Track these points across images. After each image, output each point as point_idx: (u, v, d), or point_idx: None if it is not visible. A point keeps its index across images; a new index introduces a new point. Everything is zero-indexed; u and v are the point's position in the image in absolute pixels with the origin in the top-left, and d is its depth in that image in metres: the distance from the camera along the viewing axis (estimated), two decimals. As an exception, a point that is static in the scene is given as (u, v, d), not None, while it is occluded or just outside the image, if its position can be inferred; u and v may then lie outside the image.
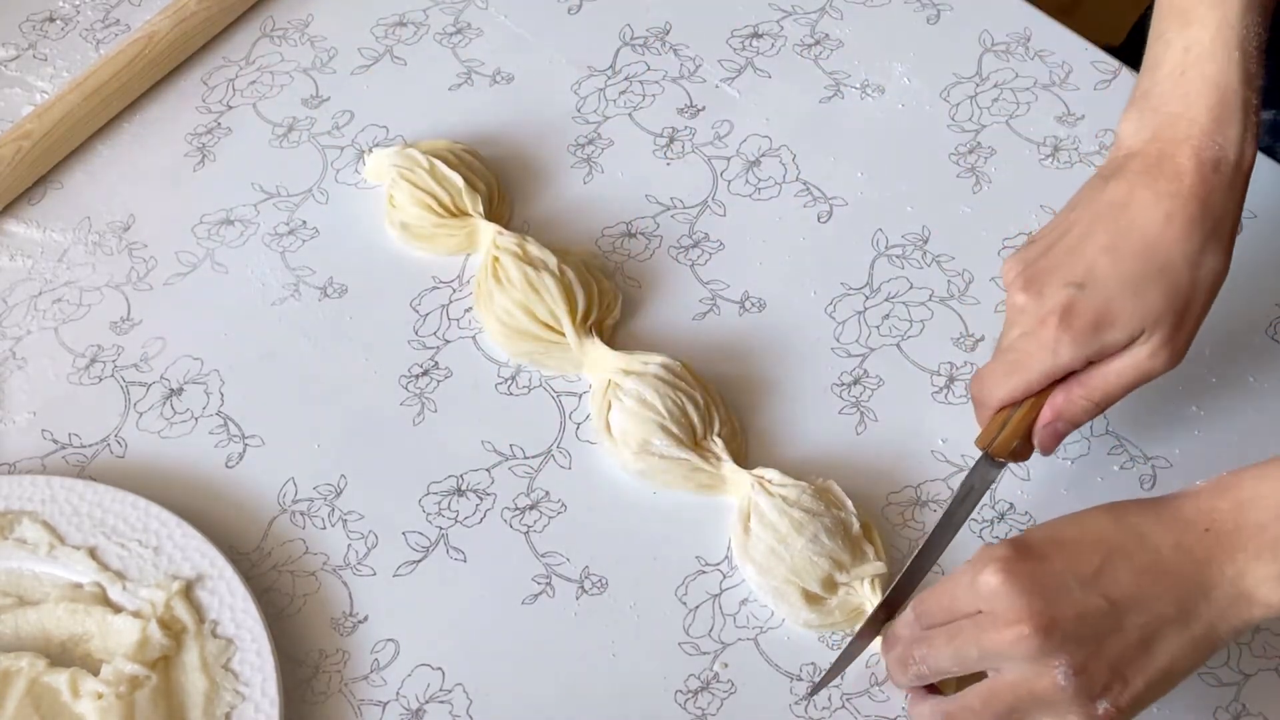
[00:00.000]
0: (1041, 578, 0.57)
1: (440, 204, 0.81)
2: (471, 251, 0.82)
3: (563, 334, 0.77)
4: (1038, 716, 0.58)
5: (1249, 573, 0.57)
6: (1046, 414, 0.67)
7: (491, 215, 0.82)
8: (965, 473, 0.74)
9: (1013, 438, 0.67)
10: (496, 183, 0.84)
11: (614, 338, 0.79)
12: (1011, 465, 0.72)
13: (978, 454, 0.74)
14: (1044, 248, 0.67)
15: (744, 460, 0.73)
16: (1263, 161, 0.83)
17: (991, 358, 0.68)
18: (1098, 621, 0.57)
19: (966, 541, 0.71)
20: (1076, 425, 0.67)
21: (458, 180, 0.82)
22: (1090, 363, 0.65)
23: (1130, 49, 0.91)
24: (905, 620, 0.63)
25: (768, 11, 0.93)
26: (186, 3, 0.91)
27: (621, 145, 0.87)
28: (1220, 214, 0.65)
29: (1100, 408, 0.66)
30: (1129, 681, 0.57)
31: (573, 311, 0.77)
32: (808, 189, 0.85)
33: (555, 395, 0.77)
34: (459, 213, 0.82)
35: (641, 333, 0.80)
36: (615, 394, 0.74)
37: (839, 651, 0.68)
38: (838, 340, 0.79)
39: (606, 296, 0.79)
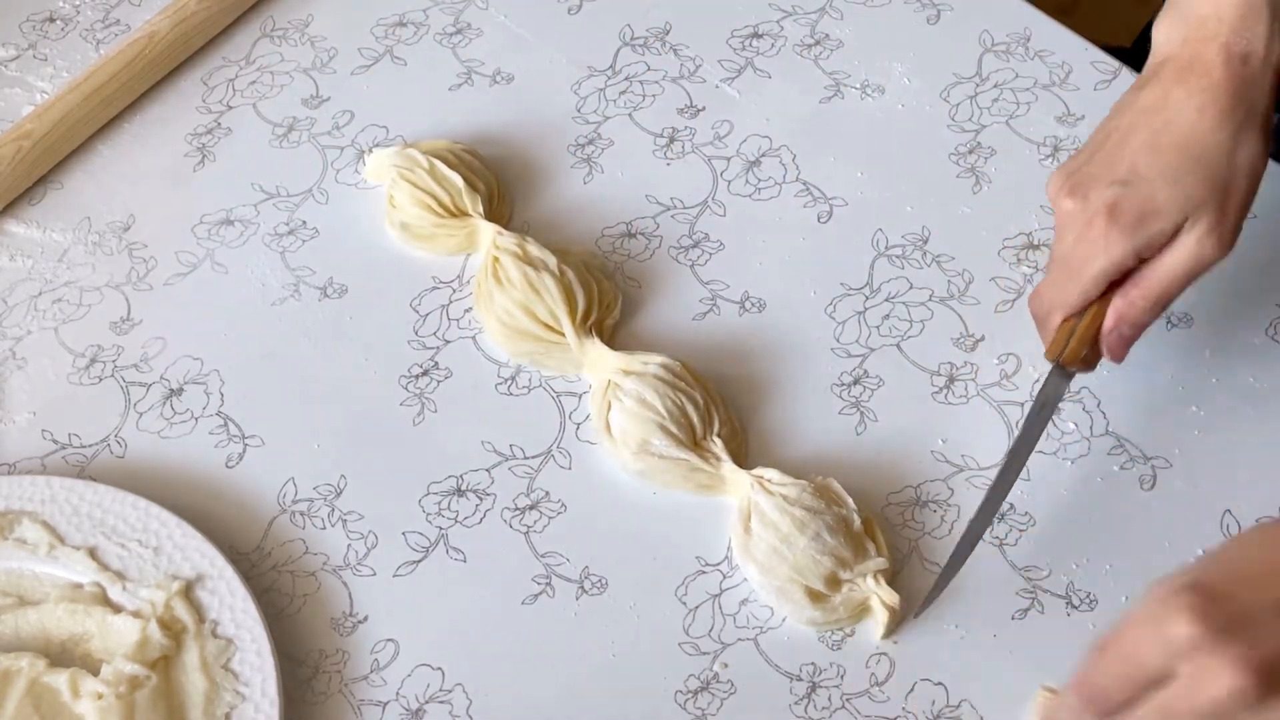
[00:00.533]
0: (1239, 616, 0.50)
1: (440, 204, 0.81)
2: (471, 251, 0.82)
3: (563, 334, 0.77)
4: None
5: None
6: (1110, 320, 0.68)
7: (491, 215, 0.82)
8: (960, 471, 0.74)
9: (1081, 345, 0.68)
10: (496, 183, 0.84)
11: (614, 338, 0.79)
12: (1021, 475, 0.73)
13: (978, 455, 0.74)
14: (1086, 156, 0.69)
15: (744, 460, 0.73)
16: (1263, 161, 0.84)
17: (1046, 271, 0.69)
18: None
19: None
20: (1141, 327, 0.68)
21: (458, 180, 0.82)
22: (1143, 261, 0.66)
23: (1137, 52, 0.91)
24: (1070, 709, 0.54)
25: (768, 11, 0.93)
26: (186, 3, 0.91)
27: (621, 145, 0.87)
28: (1251, 104, 0.67)
29: (1160, 305, 0.67)
30: None
31: (573, 312, 0.77)
32: (808, 189, 0.85)
33: (555, 395, 0.77)
34: (459, 213, 0.82)
35: (641, 333, 0.80)
36: (615, 394, 0.74)
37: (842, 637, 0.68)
38: (838, 340, 0.79)
39: (606, 296, 0.79)
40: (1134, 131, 0.68)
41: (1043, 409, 0.70)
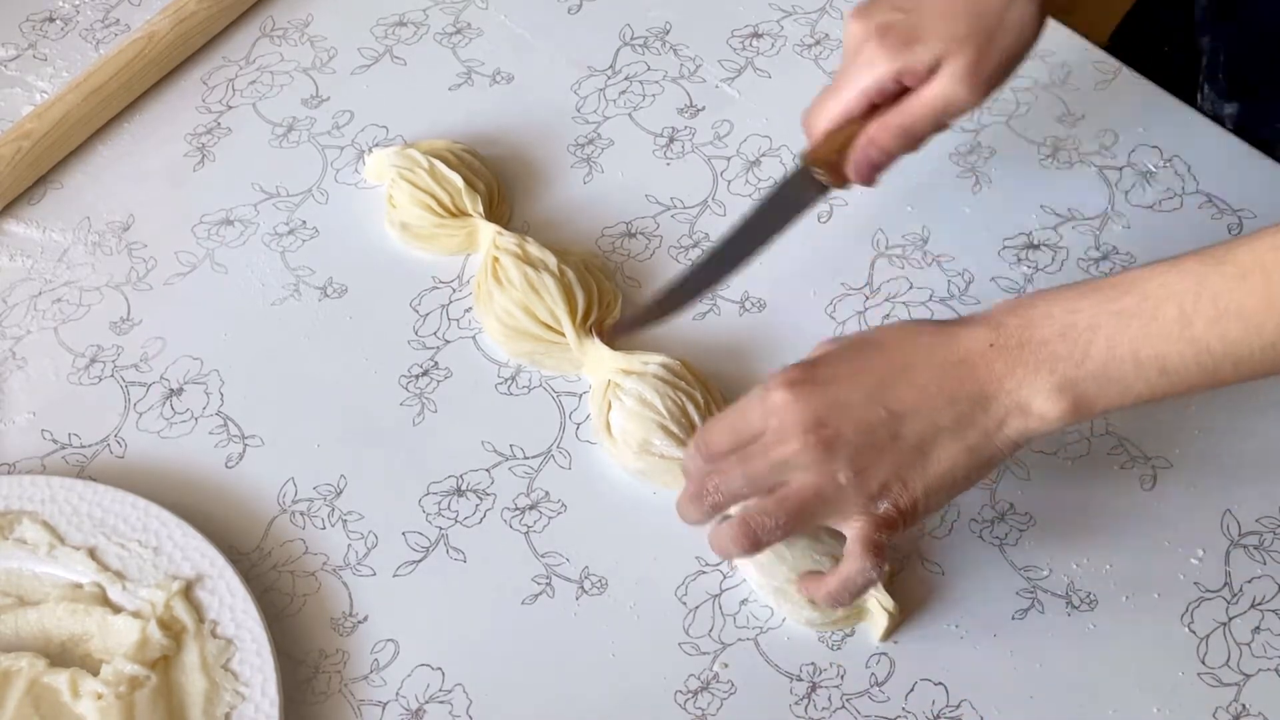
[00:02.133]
0: (826, 393, 0.62)
1: (440, 204, 0.81)
2: (471, 251, 0.82)
3: (563, 334, 0.77)
4: (826, 516, 0.63)
5: (1026, 385, 0.61)
6: (861, 139, 0.71)
7: (491, 215, 0.82)
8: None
9: (829, 149, 0.71)
10: (496, 183, 0.84)
11: (614, 337, 0.78)
12: (1013, 467, 0.73)
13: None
14: None
15: (744, 460, 0.73)
16: (1262, 161, 0.84)
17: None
18: (877, 430, 0.61)
19: (965, 540, 0.71)
20: (887, 154, 0.71)
21: (457, 180, 0.82)
22: (906, 90, 0.70)
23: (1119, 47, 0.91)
24: (689, 457, 0.66)
25: (768, 11, 0.93)
26: (186, 3, 0.91)
27: (621, 145, 0.87)
28: None
29: (908, 136, 0.70)
30: (908, 484, 0.62)
31: (573, 311, 0.77)
32: (808, 189, 0.85)
33: (555, 395, 0.77)
34: (459, 213, 0.82)
35: (642, 333, 0.79)
36: (615, 394, 0.74)
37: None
38: (838, 340, 0.79)
39: (607, 296, 0.79)
40: None
41: (782, 203, 0.73)
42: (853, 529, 0.63)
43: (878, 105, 0.71)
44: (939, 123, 0.71)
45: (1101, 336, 0.60)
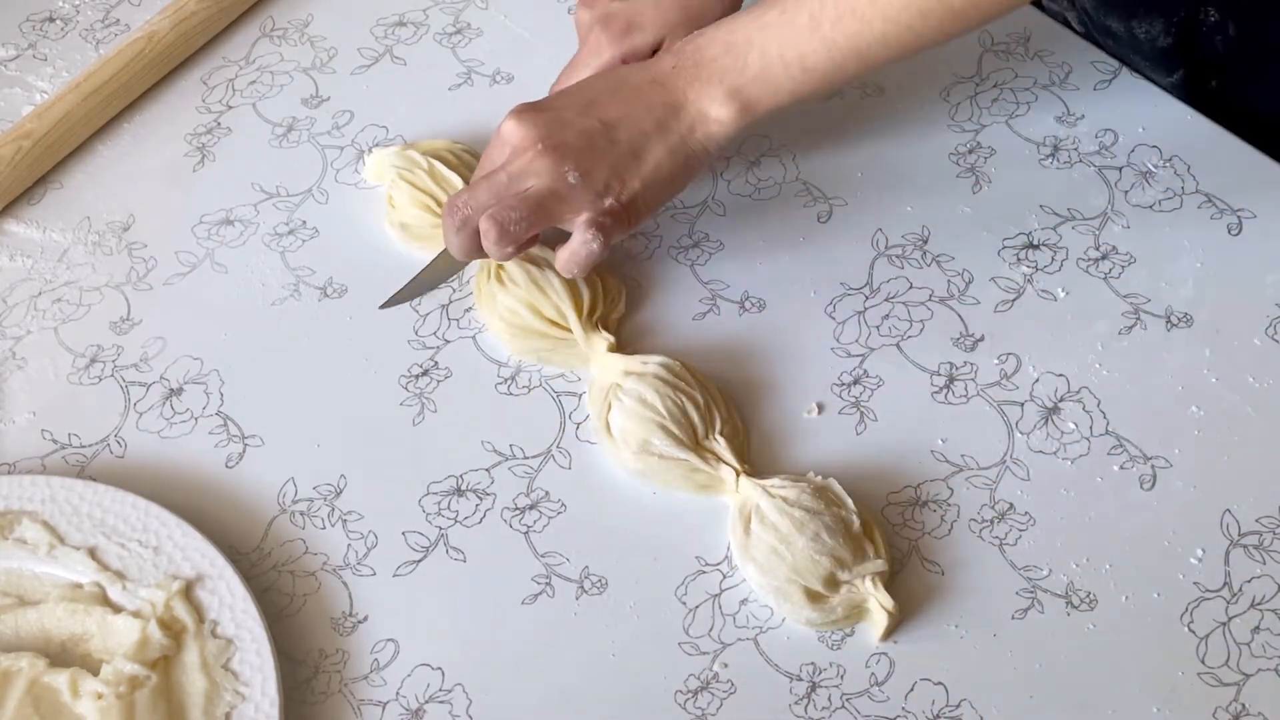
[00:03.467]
0: (547, 114, 0.74)
1: (439, 204, 0.81)
2: (471, 252, 0.82)
3: (569, 330, 0.77)
4: (562, 214, 0.73)
5: (705, 95, 0.73)
6: None
7: (492, 214, 0.82)
8: (960, 471, 0.74)
9: None
10: (496, 182, 0.84)
11: (619, 331, 0.79)
12: (1013, 467, 0.73)
13: (978, 455, 0.74)
14: None
15: (746, 459, 0.73)
16: (1260, 160, 0.84)
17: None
18: (595, 137, 0.73)
19: (965, 540, 0.71)
20: None
21: (457, 181, 0.82)
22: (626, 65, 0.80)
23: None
24: (447, 208, 0.75)
25: (768, 11, 0.93)
26: (186, 3, 0.91)
27: (621, 145, 0.87)
28: None
29: None
30: (626, 182, 0.73)
31: (579, 307, 0.77)
32: (808, 189, 0.85)
33: (555, 395, 0.77)
34: (459, 213, 0.82)
35: (642, 333, 0.80)
36: (615, 394, 0.74)
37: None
38: (838, 340, 0.79)
39: (611, 291, 0.80)
40: None
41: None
42: (582, 216, 0.73)
43: None
44: None
45: (755, 47, 0.73)
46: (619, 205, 0.73)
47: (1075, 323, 0.78)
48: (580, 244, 0.73)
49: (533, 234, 0.73)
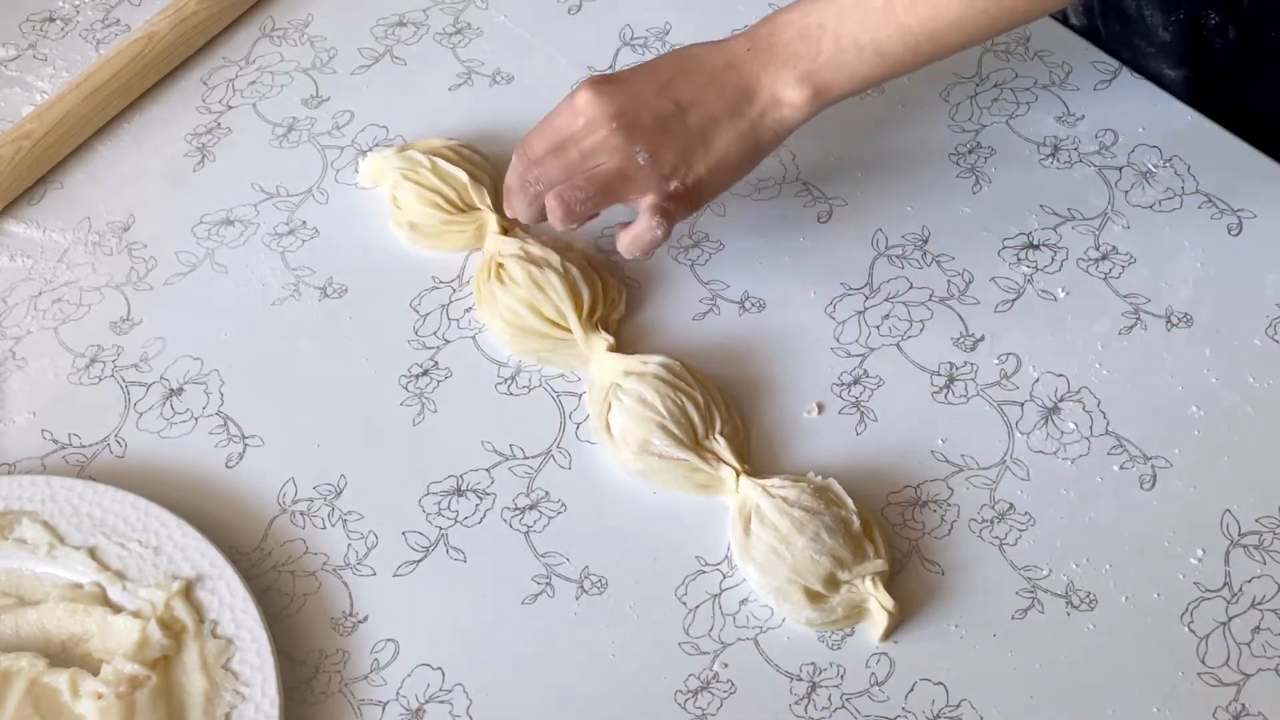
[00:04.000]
0: (624, 90, 0.74)
1: (447, 200, 0.81)
2: (481, 247, 0.82)
3: (569, 330, 0.77)
4: (627, 194, 0.74)
5: (779, 80, 0.73)
6: None
7: (499, 206, 0.82)
8: (960, 471, 0.74)
9: None
10: (499, 176, 0.84)
11: (619, 331, 0.79)
12: (1013, 467, 0.73)
13: (978, 455, 0.74)
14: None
15: (746, 459, 0.73)
16: (1259, 160, 0.84)
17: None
18: (668, 119, 0.74)
19: (965, 540, 0.71)
20: None
21: (462, 175, 0.82)
22: None
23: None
24: (512, 167, 0.77)
25: (768, 11, 0.92)
26: (186, 3, 0.91)
27: (621, 145, 0.87)
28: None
29: None
30: (693, 166, 0.74)
31: (578, 307, 0.77)
32: (808, 189, 0.85)
33: (555, 395, 0.77)
34: (467, 208, 0.82)
35: (642, 333, 0.79)
36: (615, 394, 0.74)
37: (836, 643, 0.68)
38: (838, 340, 0.79)
39: (611, 291, 0.79)
40: None
41: None
42: (647, 200, 0.74)
43: None
44: None
45: (829, 32, 0.72)
46: (684, 189, 0.74)
47: (1075, 323, 0.78)
48: (645, 229, 0.74)
49: (597, 211, 0.75)
